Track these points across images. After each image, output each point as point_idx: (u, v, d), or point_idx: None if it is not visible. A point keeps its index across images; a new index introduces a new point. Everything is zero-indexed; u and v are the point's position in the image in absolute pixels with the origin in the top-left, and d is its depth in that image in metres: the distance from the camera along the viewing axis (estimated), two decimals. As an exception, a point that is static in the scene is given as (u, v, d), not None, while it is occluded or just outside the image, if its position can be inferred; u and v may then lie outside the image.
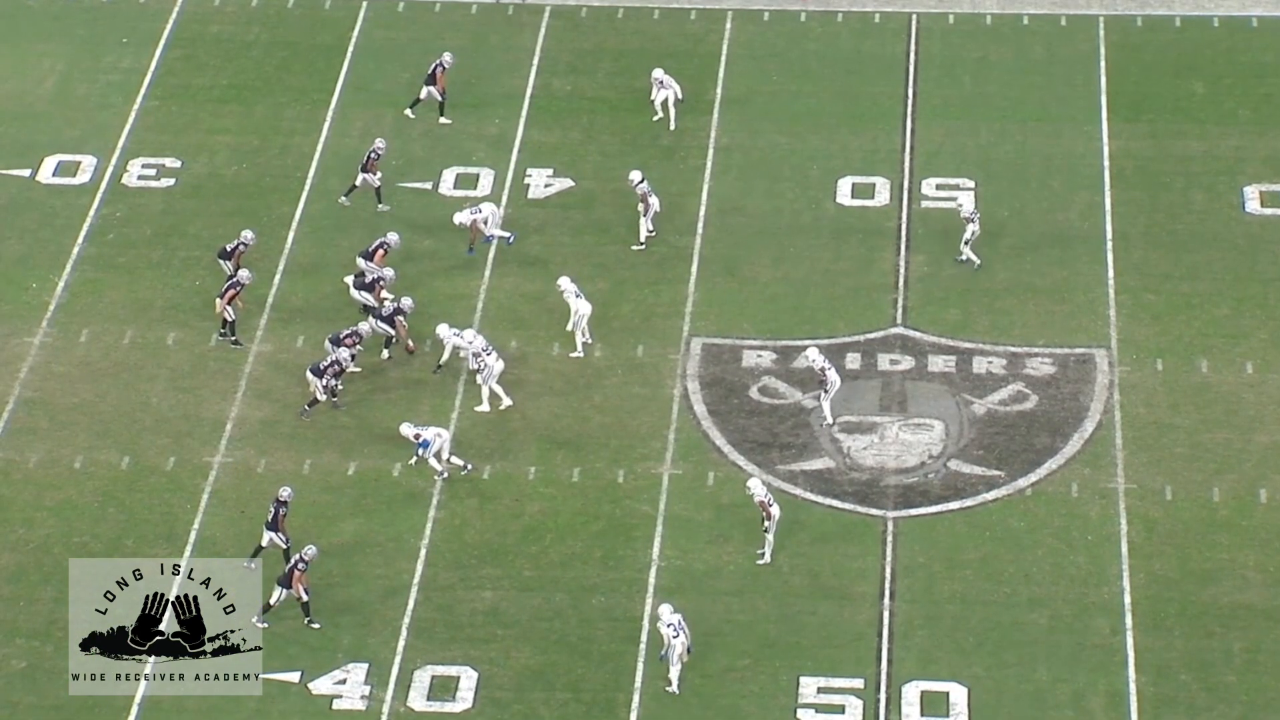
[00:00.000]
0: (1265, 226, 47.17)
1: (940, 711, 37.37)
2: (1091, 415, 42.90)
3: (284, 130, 49.94)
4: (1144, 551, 40.11)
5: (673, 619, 37.11)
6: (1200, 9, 53.25)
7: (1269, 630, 38.61)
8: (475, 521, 40.74)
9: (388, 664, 38.18)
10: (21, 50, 52.40)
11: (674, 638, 37.10)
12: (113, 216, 47.52)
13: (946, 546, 40.47)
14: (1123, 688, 37.70)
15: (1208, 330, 44.57)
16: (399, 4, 53.97)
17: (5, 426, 42.74)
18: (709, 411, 43.18)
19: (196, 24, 53.25)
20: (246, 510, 41.14)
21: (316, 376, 42.33)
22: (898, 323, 45.07)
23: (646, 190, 46.66)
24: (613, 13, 53.72)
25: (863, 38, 52.59)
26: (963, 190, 47.95)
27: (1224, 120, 49.85)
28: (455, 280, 45.99)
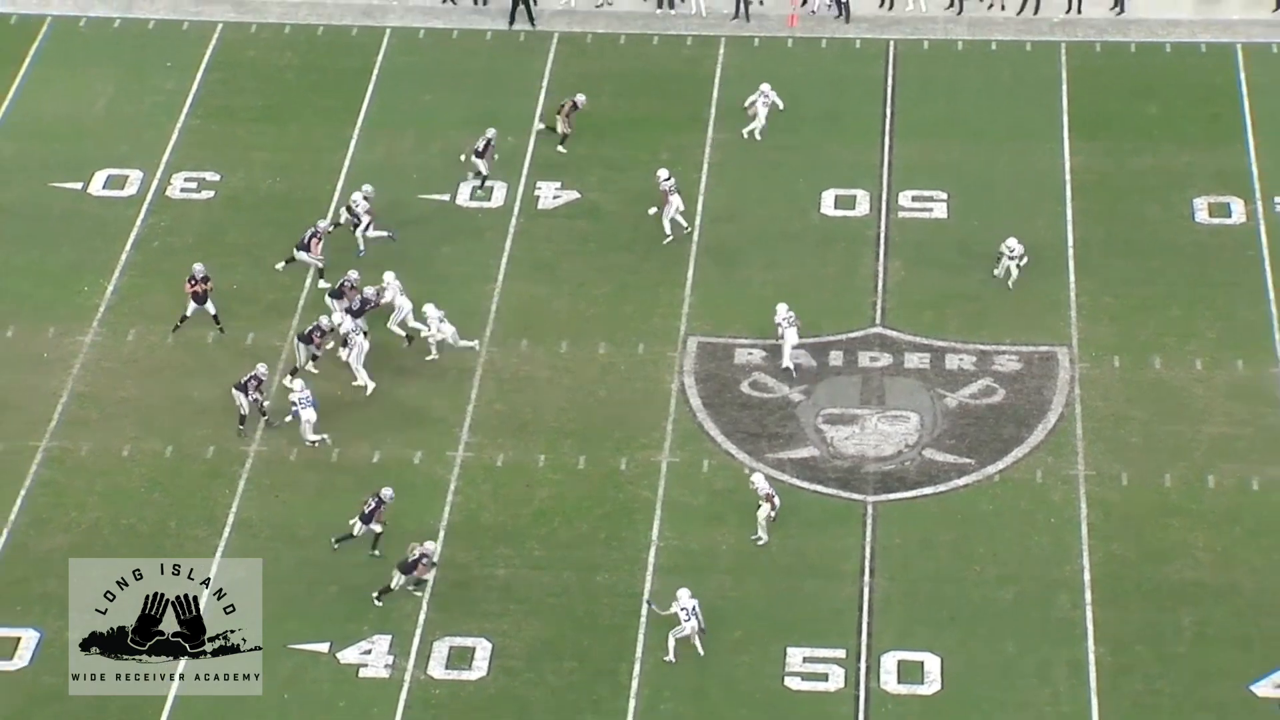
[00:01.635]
0: (1213, 235, 47.13)
1: (916, 679, 37.38)
2: (1054, 408, 42.89)
3: (314, 147, 49.90)
4: (1102, 533, 40.12)
5: (689, 603, 37.14)
6: (1153, 36, 53.22)
7: (1217, 605, 38.63)
8: (489, 505, 40.76)
9: (409, 636, 38.22)
10: (75, 74, 52.37)
11: (685, 620, 37.13)
12: (157, 226, 47.49)
13: (922, 528, 40.48)
14: (1083, 658, 37.73)
15: (1161, 330, 44.55)
16: (420, 31, 53.95)
17: (59, 418, 42.75)
18: (704, 404, 43.16)
19: (234, 50, 53.23)
20: (280, 495, 41.15)
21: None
22: (877, 323, 45.05)
23: (669, 188, 46.74)
24: (615, 39, 53.69)
25: (844, 62, 52.57)
26: (938, 201, 47.91)
27: (1175, 138, 49.81)
28: (472, 284, 45.95)
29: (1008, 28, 53.64)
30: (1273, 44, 52.80)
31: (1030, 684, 37.37)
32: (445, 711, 37.07)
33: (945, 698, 37.09)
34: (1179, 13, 53.91)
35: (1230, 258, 46.50)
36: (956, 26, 53.77)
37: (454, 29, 54.04)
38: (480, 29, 53.95)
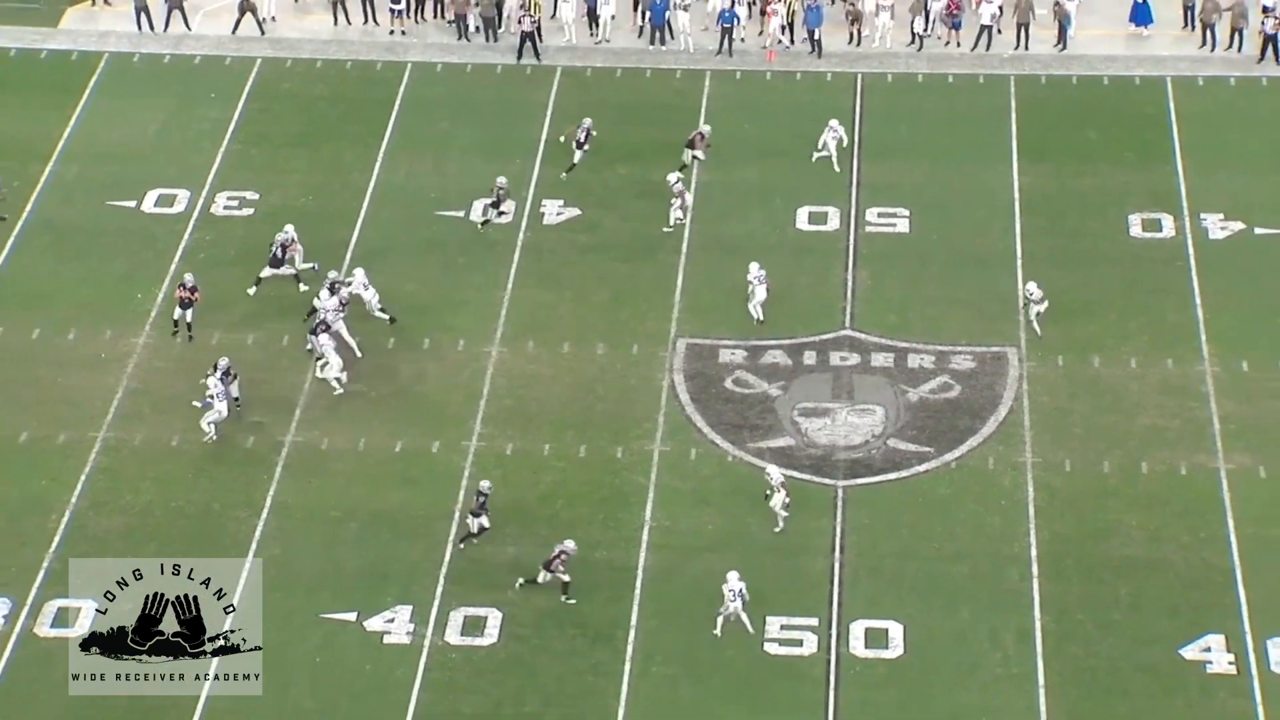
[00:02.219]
0: (1146, 247, 47.20)
1: (881, 645, 37.46)
2: (1004, 402, 42.94)
3: (343, 169, 49.93)
4: (1047, 514, 40.19)
5: (736, 585, 37.11)
6: (1093, 70, 53.28)
7: (1149, 577, 38.76)
8: (500, 489, 40.67)
9: (428, 606, 38.28)
10: (129, 104, 52.41)
11: (731, 601, 37.13)
12: (203, 240, 47.53)
13: (886, 510, 40.55)
14: (1030, 625, 37.80)
15: (1099, 332, 44.60)
16: (437, 65, 53.97)
17: (115, 412, 42.78)
18: (691, 399, 43.19)
19: (272, 82, 53.25)
20: (313, 481, 41.20)
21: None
22: (846, 326, 45.09)
23: (681, 189, 47.27)
24: (612, 72, 53.73)
25: (817, 93, 52.60)
26: (900, 217, 47.96)
27: (1112, 161, 49.87)
28: (484, 292, 46.00)
29: (963, 62, 53.70)
30: (1199, 77, 52.83)
31: (983, 649, 37.46)
32: (460, 674, 37.13)
33: (907, 661, 37.17)
34: (1115, 49, 54.00)
35: (1161, 268, 46.55)
36: (917, 61, 53.83)
37: (468, 63, 54.07)
38: (491, 63, 53.98)
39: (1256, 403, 42.71)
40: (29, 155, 50.14)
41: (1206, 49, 53.55)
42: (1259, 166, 49.55)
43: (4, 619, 37.95)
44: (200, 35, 54.92)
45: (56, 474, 41.26)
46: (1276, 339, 44.30)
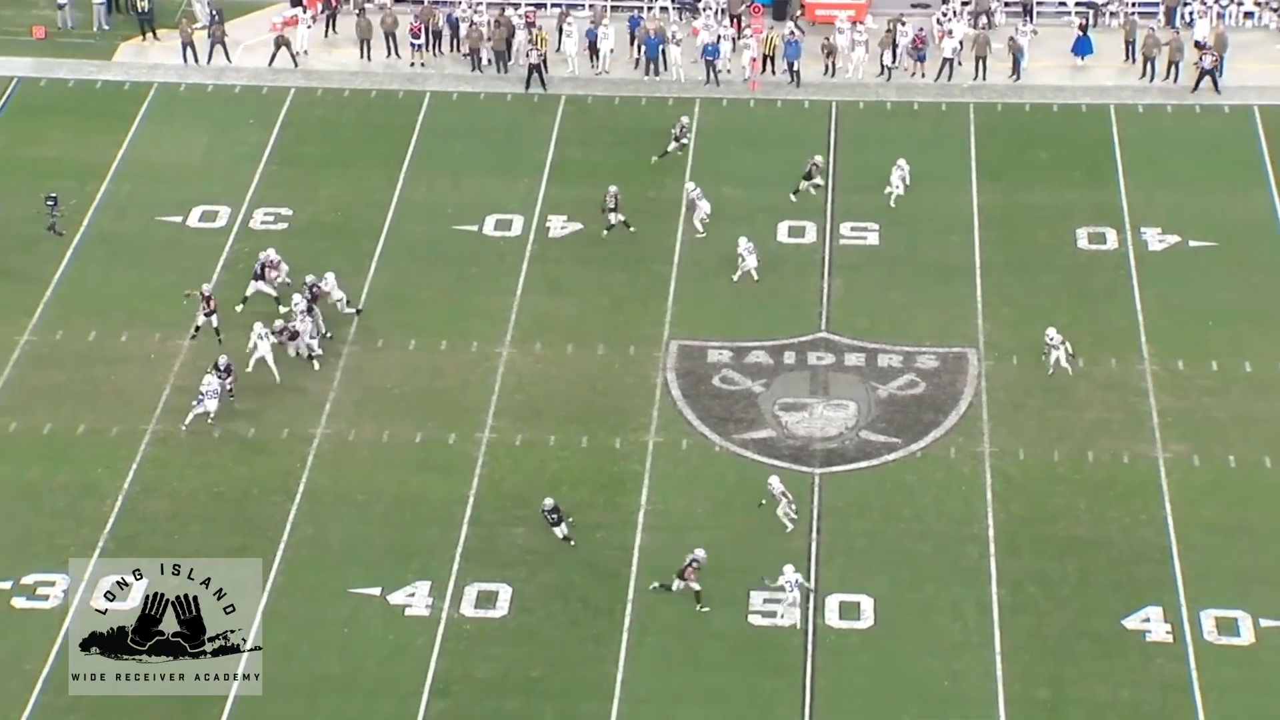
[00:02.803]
0: (1092, 258, 47.11)
1: (853, 616, 37.40)
2: (965, 397, 42.84)
3: (368, 187, 49.80)
4: (1003, 498, 40.12)
5: (793, 577, 36.84)
6: (1044, 99, 53.20)
7: (1094, 555, 38.72)
8: (510, 477, 40.73)
9: (445, 581, 38.20)
10: (177, 129, 52.30)
11: (790, 592, 36.85)
12: (242, 251, 47.35)
13: (858, 495, 40.46)
14: (987, 598, 37.75)
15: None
16: (453, 94, 53.86)
17: (163, 406, 42.67)
18: (682, 395, 43.07)
19: (304, 109, 53.14)
20: (341, 467, 41.06)
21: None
22: (822, 329, 44.98)
23: (696, 197, 47.34)
24: (611, 100, 53.62)
25: (796, 118, 52.51)
26: (871, 231, 47.89)
27: (1061, 180, 49.81)
28: (495, 298, 45.86)
29: (927, 92, 53.61)
30: (1139, 105, 52.77)
31: (945, 619, 37.39)
32: (474, 644, 37.03)
33: (877, 631, 37.09)
34: (1063, 80, 53.95)
35: (1106, 276, 46.46)
36: (886, 90, 53.73)
37: (481, 92, 53.95)
38: (502, 92, 53.87)
39: (1191, 398, 42.63)
40: (86, 175, 49.98)
41: (1146, 80, 53.52)
42: (1193, 185, 49.49)
43: (63, 593, 37.82)
44: (240, 67, 54.82)
45: (110, 462, 41.13)
46: (1208, 340, 44.22)
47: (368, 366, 43.77)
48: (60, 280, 46.55)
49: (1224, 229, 47.53)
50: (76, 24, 56.36)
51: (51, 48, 55.41)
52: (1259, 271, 46.35)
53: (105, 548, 38.94)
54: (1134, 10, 55.67)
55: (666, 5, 56.73)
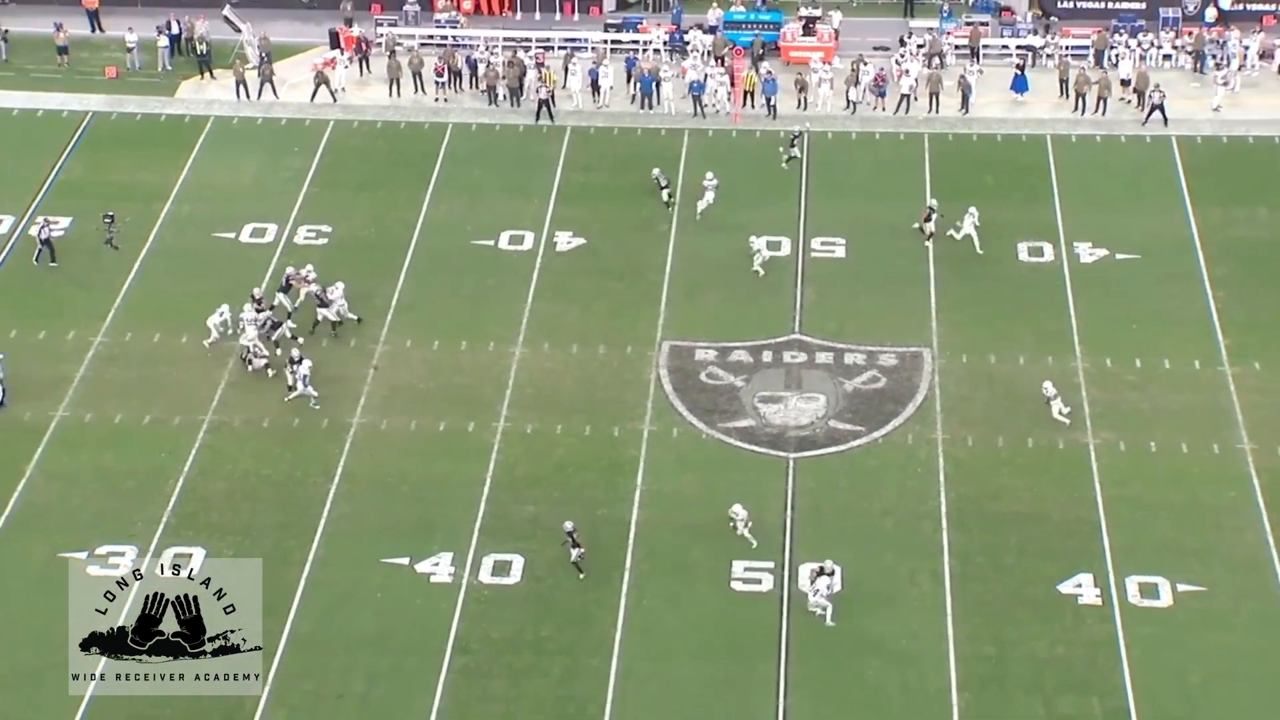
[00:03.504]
0: (1031, 270, 47.02)
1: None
2: (921, 391, 42.82)
3: (398, 207, 49.71)
4: (954, 479, 40.12)
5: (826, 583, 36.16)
6: (989, 129, 53.12)
7: (1033, 529, 38.77)
8: (522, 461, 40.72)
9: (465, 552, 38.22)
10: (230, 156, 52.19)
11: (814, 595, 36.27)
12: (287, 264, 47.22)
13: (828, 477, 40.44)
14: (940, 567, 37.80)
15: (994, 336, 44.46)
16: (472, 125, 53.75)
17: (218, 399, 42.62)
18: (673, 389, 43.03)
19: (341, 139, 53.04)
20: (374, 453, 41.04)
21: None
22: (796, 332, 44.93)
23: (710, 187, 48.04)
24: (610, 130, 53.53)
25: (773, 146, 52.38)
26: (838, 245, 47.76)
27: (1004, 200, 49.65)
28: (509, 304, 45.78)
29: (887, 123, 53.54)
30: (1071, 135, 52.70)
31: (903, 585, 37.41)
32: (491, 607, 37.04)
33: (844, 595, 37.02)
34: (1006, 113, 53.91)
35: (1043, 285, 46.36)
36: (851, 122, 53.67)
37: (496, 124, 53.87)
38: (515, 124, 53.80)
39: (1117, 392, 42.62)
40: (151, 197, 49.89)
41: (1078, 113, 53.49)
42: (1120, 205, 49.38)
43: (131, 561, 37.79)
44: (285, 102, 54.72)
45: (173, 449, 41.12)
46: (1132, 341, 44.18)
47: (397, 365, 43.72)
48: (129, 289, 46.51)
49: (1146, 243, 47.51)
50: (143, 65, 56.34)
51: (122, 86, 55.34)
52: (1177, 281, 46.33)
53: (168, 524, 38.94)
54: (1067, 52, 55.67)
55: (659, 48, 56.69)
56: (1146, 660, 35.69)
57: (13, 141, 52.82)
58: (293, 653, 35.96)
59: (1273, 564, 37.78)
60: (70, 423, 41.95)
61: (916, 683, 35.33)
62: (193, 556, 37.85)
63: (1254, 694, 35.09)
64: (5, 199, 49.71)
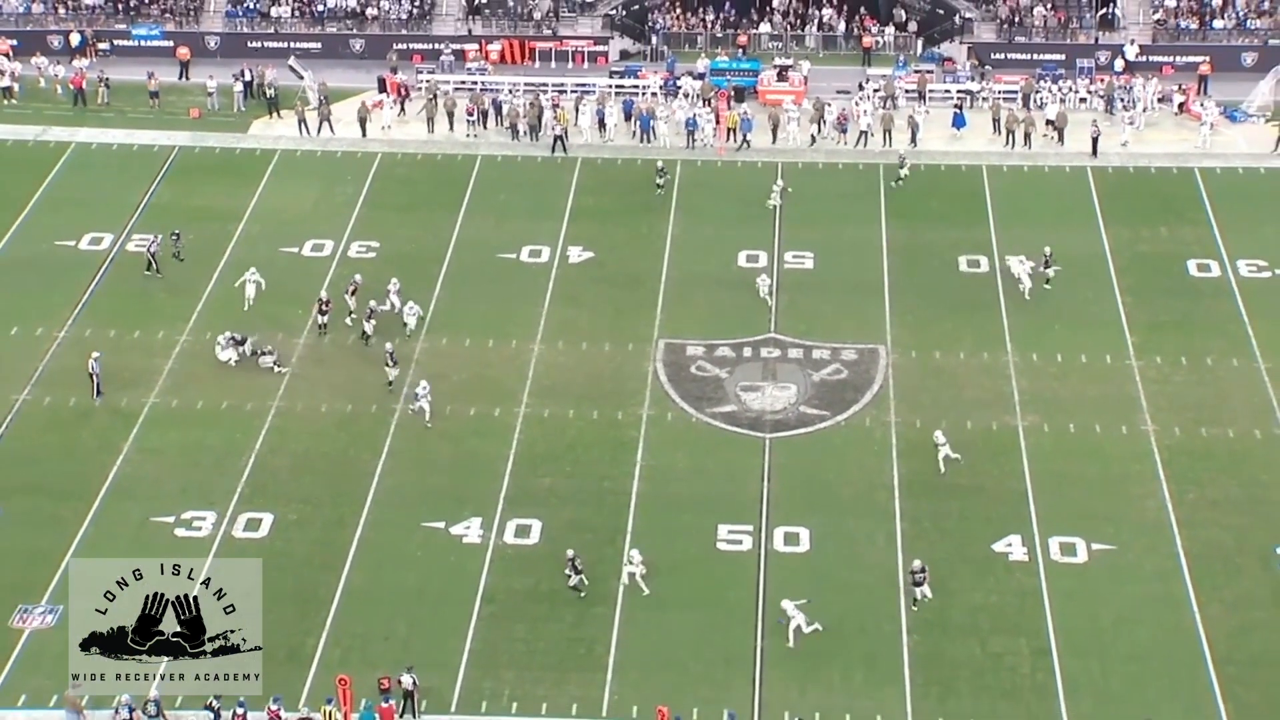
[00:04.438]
0: (970, 279, 46.74)
1: (795, 544, 37.33)
2: (877, 381, 42.61)
3: (434, 227, 49.40)
4: (906, 456, 39.93)
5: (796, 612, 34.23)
6: (934, 160, 52.72)
7: (971, 498, 38.61)
8: (539, 442, 40.52)
9: (492, 518, 38.06)
10: (294, 184, 51.87)
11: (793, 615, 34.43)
12: (340, 273, 47.01)
13: (799, 454, 40.24)
14: (894, 530, 37.67)
15: (939, 336, 44.23)
16: (498, 157, 53.43)
17: (284, 388, 42.29)
18: (668, 379, 42.82)
19: (388, 168, 52.72)
20: (415, 434, 40.65)
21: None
22: (771, 331, 44.71)
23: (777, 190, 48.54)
24: (615, 160, 53.16)
25: (752, 175, 52.08)
26: (808, 258, 47.46)
27: (947, 220, 49.41)
28: (528, 309, 45.47)
29: (849, 155, 53.17)
30: (1003, 165, 52.37)
31: (862, 546, 37.26)
32: (514, 564, 36.88)
33: (812, 554, 37.01)
34: (948, 147, 53.63)
35: (980, 292, 46.09)
36: (817, 154, 53.38)
37: (518, 155, 53.58)
38: (534, 155, 53.53)
39: (1042, 382, 42.41)
40: (227, 218, 49.62)
41: (1009, 147, 53.24)
42: (1045, 223, 48.96)
43: (211, 525, 37.66)
44: (340, 138, 54.38)
45: (245, 430, 40.91)
46: (1055, 339, 43.93)
47: (435, 360, 43.47)
48: (209, 295, 46.28)
49: (1066, 257, 47.12)
50: (221, 107, 56.10)
51: (203, 124, 55.09)
52: (1091, 288, 46.11)
53: (242, 493, 38.79)
54: (999, 96, 55.46)
55: (656, 91, 56.47)
56: (1065, 607, 35.56)
57: (112, 171, 52.55)
58: (346, 602, 35.82)
59: (1171, 526, 37.66)
60: (159, 408, 41.73)
61: (873, 626, 35.22)
62: (263, 521, 37.73)
63: (1155, 634, 35.03)
64: (106, 219, 49.42)
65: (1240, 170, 51.75)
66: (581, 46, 59.03)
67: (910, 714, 33.41)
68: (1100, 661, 34.36)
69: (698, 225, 49.24)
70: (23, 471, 39.52)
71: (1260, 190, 50.78)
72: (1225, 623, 35.12)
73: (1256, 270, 46.74)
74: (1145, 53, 57.74)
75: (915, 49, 59.63)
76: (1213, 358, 43.05)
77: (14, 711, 31.74)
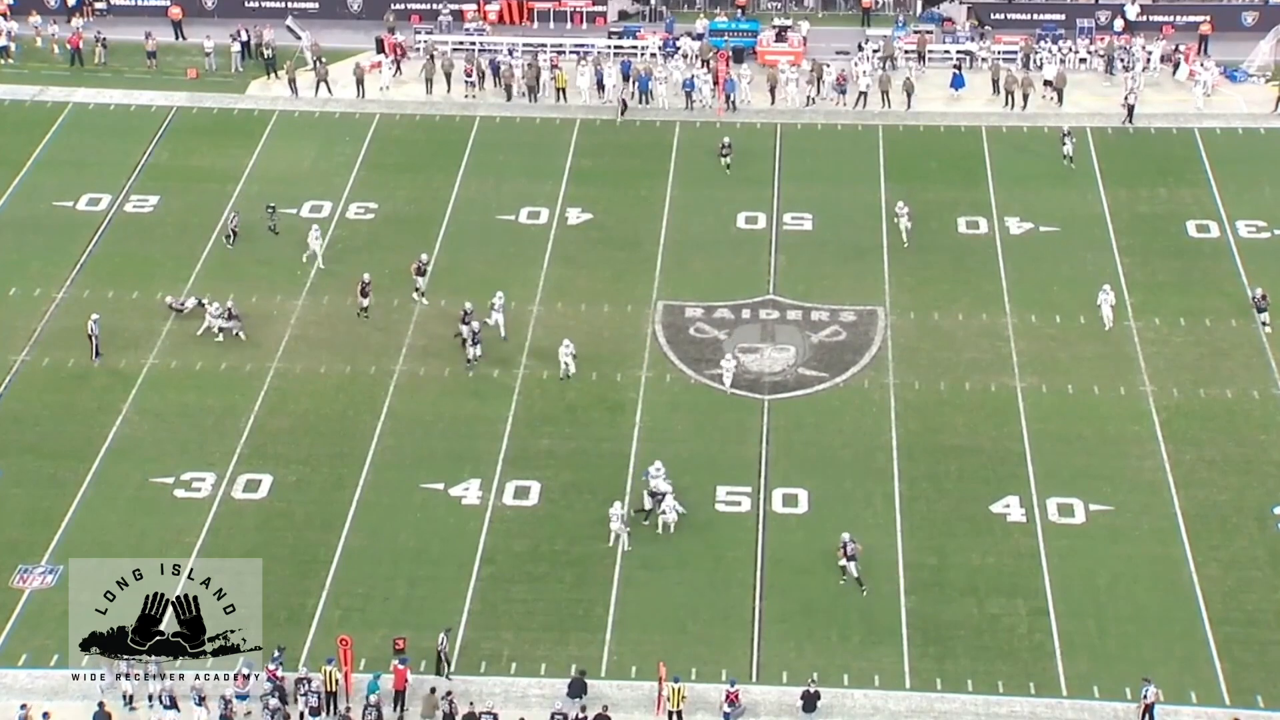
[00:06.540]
0: (968, 240, 46.45)
1: (794, 505, 37.27)
2: (875, 343, 42.43)
3: (433, 187, 49.10)
4: (904, 417, 39.81)
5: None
6: (933, 122, 52.31)
7: (969, 459, 38.53)
8: (539, 402, 40.37)
9: (491, 479, 37.94)
10: (293, 144, 51.44)
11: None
12: (339, 235, 46.79)
13: (797, 416, 40.11)
14: (891, 491, 37.64)
15: (937, 296, 44.03)
16: (496, 118, 52.99)
17: (283, 349, 42.16)
18: (667, 341, 42.62)
19: (386, 129, 52.27)
20: (414, 395, 40.53)
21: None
22: (770, 293, 44.46)
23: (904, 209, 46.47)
24: (613, 122, 52.81)
25: (751, 138, 51.65)
26: (806, 219, 47.21)
27: (946, 182, 49.11)
28: (528, 269, 45.23)
29: (847, 116, 52.75)
30: (1002, 126, 51.98)
31: (859, 507, 37.18)
32: (513, 525, 36.82)
33: (810, 515, 36.95)
34: (947, 108, 53.18)
35: (979, 254, 45.81)
36: (816, 115, 52.94)
37: (517, 116, 53.14)
38: (533, 116, 53.07)
39: (1040, 343, 42.25)
40: (225, 179, 49.25)
41: (1008, 108, 52.81)
42: (1044, 184, 48.71)
43: (210, 486, 37.51)
44: (338, 99, 53.89)
45: (244, 391, 40.78)
46: (1053, 301, 43.76)
47: (434, 321, 43.24)
48: (207, 256, 45.95)
49: (1065, 218, 46.98)
50: (218, 67, 55.59)
51: (200, 85, 54.61)
52: (1091, 250, 45.86)
53: (241, 454, 38.66)
54: (998, 57, 54.97)
55: (654, 52, 55.94)
56: (1063, 568, 35.53)
57: (109, 131, 52.09)
58: (346, 563, 35.71)
59: (1169, 487, 37.60)
60: (158, 369, 41.56)
61: (872, 586, 35.12)
62: (262, 482, 37.57)
63: (1151, 593, 35.01)
64: (103, 180, 49.04)
65: (1240, 131, 51.37)
66: (580, 6, 58.42)
67: (908, 674, 33.40)
68: (1097, 621, 34.33)
69: (697, 187, 48.88)
70: (22, 432, 39.38)
71: (1260, 151, 50.45)
72: (1222, 582, 35.09)
73: (1256, 231, 46.47)
74: (1146, 12, 57.20)
75: (914, 9, 59.06)
76: (1211, 319, 42.85)
77: (15, 670, 31.86)
